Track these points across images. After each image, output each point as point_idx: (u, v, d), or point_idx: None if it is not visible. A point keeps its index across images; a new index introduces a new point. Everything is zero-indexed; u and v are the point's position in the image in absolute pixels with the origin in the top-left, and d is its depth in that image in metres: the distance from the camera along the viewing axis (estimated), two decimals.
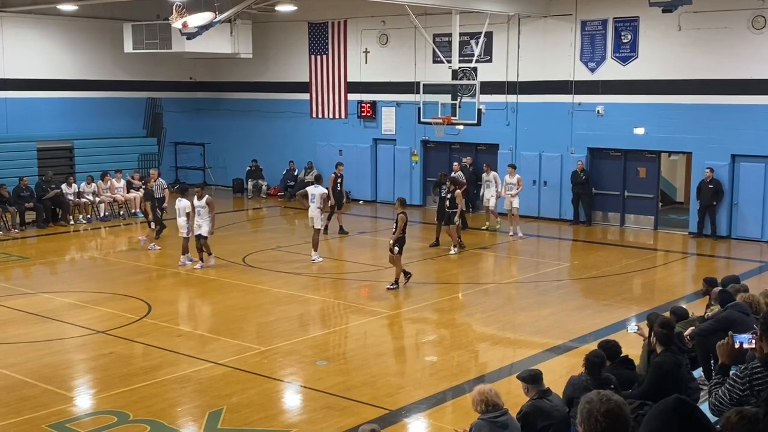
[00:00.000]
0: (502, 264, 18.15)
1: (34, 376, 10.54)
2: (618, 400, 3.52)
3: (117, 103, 27.15)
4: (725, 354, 5.70)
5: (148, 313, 13.63)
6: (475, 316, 14.09)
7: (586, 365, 7.47)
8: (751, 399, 5.22)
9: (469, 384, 9.80)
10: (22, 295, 14.81)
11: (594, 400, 3.50)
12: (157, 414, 9.33)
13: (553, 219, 22.66)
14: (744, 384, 5.27)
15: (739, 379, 5.31)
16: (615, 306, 14.25)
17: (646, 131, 21.06)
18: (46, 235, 21.16)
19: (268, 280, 16.11)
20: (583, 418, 3.48)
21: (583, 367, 7.54)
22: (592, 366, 7.42)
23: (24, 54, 24.79)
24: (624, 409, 3.49)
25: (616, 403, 3.49)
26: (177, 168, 29.43)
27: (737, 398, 5.30)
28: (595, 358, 7.50)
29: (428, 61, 24.15)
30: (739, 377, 5.32)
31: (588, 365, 7.45)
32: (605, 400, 3.48)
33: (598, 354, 7.63)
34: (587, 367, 7.46)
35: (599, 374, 7.38)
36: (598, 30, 21.62)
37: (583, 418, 3.48)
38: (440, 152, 24.73)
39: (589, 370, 7.43)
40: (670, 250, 19.57)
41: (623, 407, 3.50)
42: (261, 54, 27.20)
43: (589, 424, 3.44)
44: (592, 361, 7.46)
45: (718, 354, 5.78)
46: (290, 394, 10.49)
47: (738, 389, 5.29)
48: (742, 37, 19.52)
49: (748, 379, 5.26)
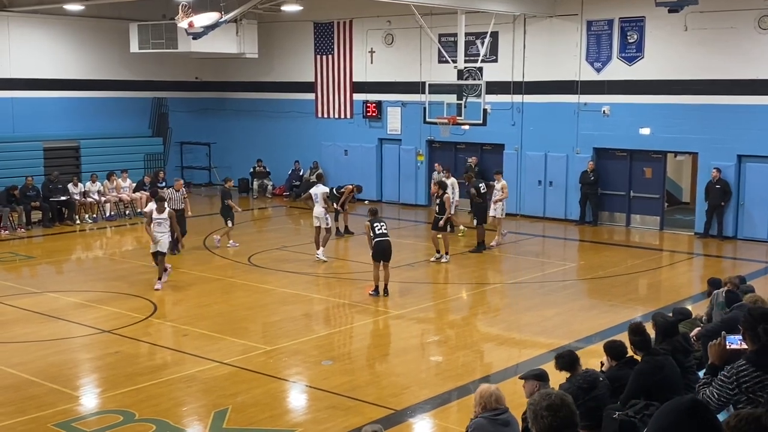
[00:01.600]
0: (507, 264, 18.12)
1: (40, 375, 10.56)
2: (558, 393, 3.75)
3: (123, 102, 27.20)
4: (716, 354, 5.71)
5: (154, 312, 13.66)
6: (480, 316, 14.09)
7: (611, 353, 7.64)
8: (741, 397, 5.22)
9: (474, 384, 9.77)
10: (29, 295, 14.85)
11: (536, 399, 3.74)
12: (162, 413, 9.34)
13: (558, 219, 22.63)
14: (732, 383, 5.29)
15: (726, 379, 5.33)
16: (621, 306, 14.22)
17: (652, 131, 21.03)
18: (52, 235, 21.21)
19: (274, 279, 16.13)
20: (531, 419, 3.70)
21: (608, 356, 7.70)
22: (616, 352, 7.56)
23: (30, 54, 24.86)
24: (565, 399, 3.70)
25: (557, 396, 3.72)
26: (183, 168, 29.45)
27: (726, 398, 5.32)
28: (616, 344, 7.71)
29: (434, 61, 24.14)
30: (726, 377, 5.34)
31: (612, 353, 7.62)
32: (545, 395, 3.72)
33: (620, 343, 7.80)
34: (612, 354, 7.63)
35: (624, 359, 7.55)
36: (604, 30, 21.59)
37: (531, 419, 3.70)
38: (446, 152, 24.72)
39: (615, 356, 7.60)
40: (676, 251, 19.53)
41: (564, 398, 3.71)
42: (266, 54, 27.23)
43: (537, 422, 3.66)
44: (617, 348, 7.64)
45: (709, 354, 5.78)
46: (295, 394, 10.50)
47: (727, 389, 5.31)
48: (748, 37, 19.47)
49: (735, 377, 5.29)
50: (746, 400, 5.23)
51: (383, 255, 14.29)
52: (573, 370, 7.40)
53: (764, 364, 5.26)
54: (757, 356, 5.35)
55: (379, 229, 14.35)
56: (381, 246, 14.27)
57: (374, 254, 14.31)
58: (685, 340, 8.24)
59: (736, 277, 10.81)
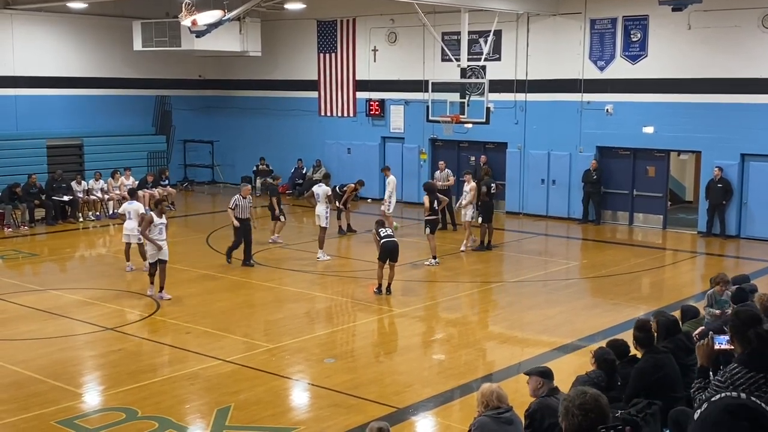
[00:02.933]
0: (510, 262, 18.12)
1: (43, 373, 10.58)
2: (594, 394, 3.68)
3: (126, 100, 27.21)
4: (704, 355, 5.69)
5: (157, 310, 13.67)
6: (482, 314, 14.10)
7: (600, 363, 7.45)
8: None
9: (476, 382, 9.78)
10: (32, 292, 14.87)
11: (571, 396, 3.69)
12: (165, 411, 9.35)
13: (561, 218, 22.61)
14: (728, 388, 5.26)
15: (721, 384, 5.30)
16: (623, 305, 14.21)
17: (656, 130, 21.00)
18: (56, 232, 21.24)
19: (276, 277, 16.14)
20: (563, 414, 3.66)
21: (593, 364, 7.52)
22: (605, 363, 7.42)
23: (34, 52, 24.88)
24: (600, 400, 3.64)
25: (591, 396, 3.65)
26: (186, 166, 29.49)
27: None
28: (607, 355, 7.50)
29: (437, 59, 24.13)
30: (721, 382, 5.31)
31: (601, 363, 7.45)
32: (580, 394, 3.66)
33: (609, 352, 7.62)
34: (600, 364, 7.44)
35: (612, 372, 7.38)
36: (608, 28, 21.56)
37: (563, 414, 3.66)
38: (449, 151, 24.70)
39: (603, 366, 7.42)
40: (679, 249, 19.51)
41: (599, 399, 3.65)
42: (270, 52, 27.23)
43: (567, 419, 3.62)
44: (604, 358, 7.46)
45: (698, 356, 5.77)
46: (298, 392, 10.51)
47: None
48: (752, 35, 19.44)
49: (729, 381, 5.27)
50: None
51: (390, 255, 14.42)
52: (621, 357, 7.54)
53: (757, 366, 5.26)
54: (749, 358, 5.34)
55: (384, 232, 14.61)
56: (388, 246, 14.39)
57: (381, 254, 14.41)
58: (687, 339, 8.23)
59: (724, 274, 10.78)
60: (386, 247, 14.40)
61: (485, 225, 18.48)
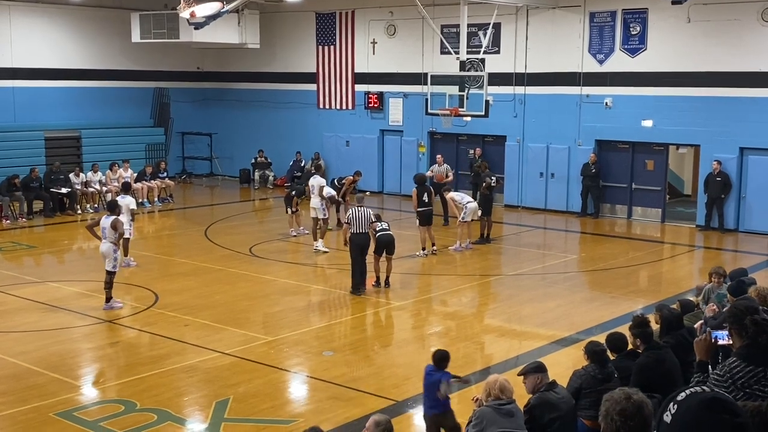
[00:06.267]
0: (508, 256, 18.12)
1: (41, 365, 10.59)
2: (637, 400, 3.43)
3: (124, 92, 27.16)
4: (702, 350, 5.68)
5: (155, 302, 13.67)
6: (481, 307, 14.11)
7: (591, 356, 7.46)
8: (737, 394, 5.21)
9: (475, 375, 9.80)
10: (30, 284, 14.87)
11: (613, 398, 3.46)
12: (164, 403, 9.36)
13: (560, 211, 22.61)
14: (726, 381, 5.26)
15: (720, 378, 5.30)
16: (622, 298, 14.23)
17: (654, 124, 20.99)
18: (54, 224, 21.22)
19: (275, 270, 16.14)
20: (602, 415, 3.48)
21: (586, 359, 7.53)
22: (595, 354, 7.43)
23: (32, 43, 24.82)
24: (644, 409, 3.40)
25: (634, 402, 3.41)
26: (184, 158, 29.47)
27: None
28: (596, 347, 7.51)
29: (436, 52, 24.09)
30: (720, 375, 5.30)
31: (591, 355, 7.45)
32: (623, 399, 3.43)
33: (598, 344, 7.65)
34: (591, 357, 7.45)
35: (605, 363, 7.39)
36: (607, 21, 21.53)
37: (602, 415, 3.48)
38: (448, 144, 24.69)
39: (594, 359, 7.42)
40: (678, 243, 19.52)
41: (642, 407, 3.40)
42: (268, 44, 27.18)
43: (606, 422, 3.44)
44: (594, 351, 7.47)
45: (696, 350, 5.77)
46: (297, 384, 10.52)
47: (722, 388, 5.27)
48: (751, 29, 19.42)
49: (729, 376, 5.25)
50: (743, 395, 5.23)
51: (386, 247, 14.45)
52: (618, 352, 7.64)
53: (755, 359, 5.25)
54: (747, 351, 5.34)
55: (380, 226, 14.64)
56: (383, 239, 14.42)
57: (377, 248, 14.44)
58: (689, 334, 8.22)
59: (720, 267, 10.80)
60: (381, 240, 14.44)
61: (484, 218, 18.49)
